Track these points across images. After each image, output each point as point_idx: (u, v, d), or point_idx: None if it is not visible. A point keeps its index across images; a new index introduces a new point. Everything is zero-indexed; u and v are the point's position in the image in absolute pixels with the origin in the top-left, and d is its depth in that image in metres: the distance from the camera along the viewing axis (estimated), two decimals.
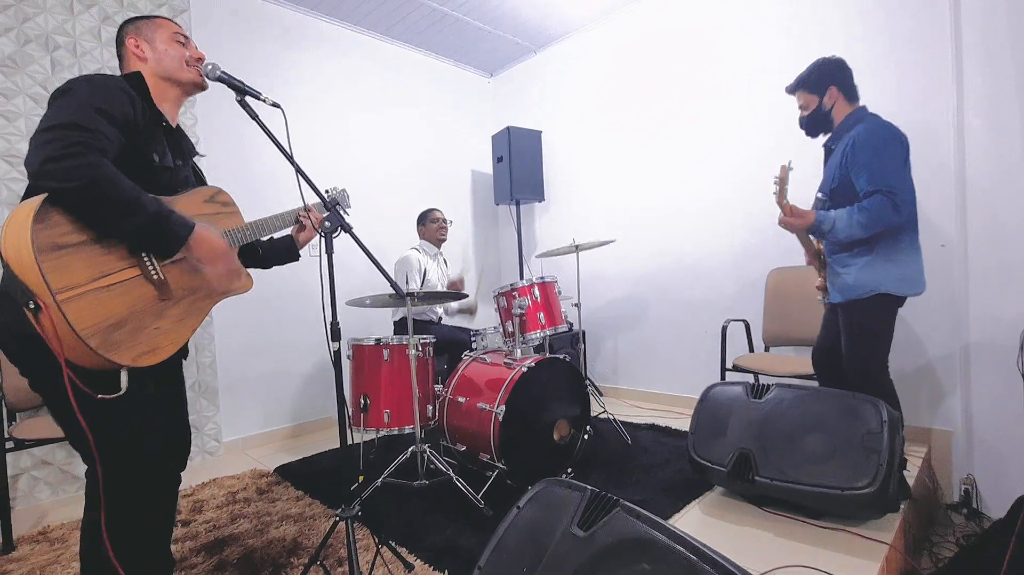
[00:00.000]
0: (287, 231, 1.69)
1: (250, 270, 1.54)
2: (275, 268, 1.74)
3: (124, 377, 1.12)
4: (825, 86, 2.02)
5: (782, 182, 1.91)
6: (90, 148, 1.05)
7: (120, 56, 1.40)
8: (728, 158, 3.29)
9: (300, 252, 1.74)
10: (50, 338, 1.02)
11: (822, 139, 2.12)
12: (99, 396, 1.08)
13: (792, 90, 2.12)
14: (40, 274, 0.98)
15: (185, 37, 1.42)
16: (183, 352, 1.35)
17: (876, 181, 1.84)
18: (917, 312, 2.50)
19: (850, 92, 2.03)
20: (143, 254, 1.17)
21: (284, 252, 1.72)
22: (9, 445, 2.07)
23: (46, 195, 1.04)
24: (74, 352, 1.05)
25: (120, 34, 1.40)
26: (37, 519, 2.27)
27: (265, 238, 1.60)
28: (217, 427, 3.06)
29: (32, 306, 0.99)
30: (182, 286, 1.25)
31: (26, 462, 2.39)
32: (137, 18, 1.42)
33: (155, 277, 1.18)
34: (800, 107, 2.10)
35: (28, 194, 1.10)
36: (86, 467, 1.20)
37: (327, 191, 1.79)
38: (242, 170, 3.13)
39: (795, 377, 2.47)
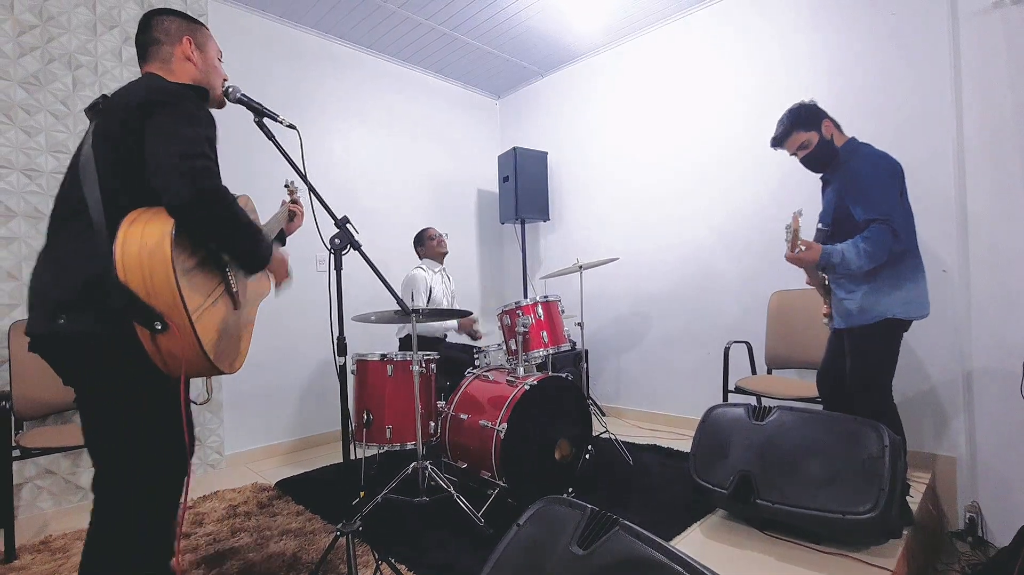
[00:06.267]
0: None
1: None
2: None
3: (209, 385, 1.21)
4: (819, 120, 2.05)
5: (795, 232, 1.86)
6: (216, 175, 1.12)
7: (158, 43, 1.30)
8: (732, 182, 3.34)
9: (287, 239, 1.77)
10: (163, 355, 1.06)
11: None
12: (199, 402, 1.18)
13: (782, 139, 2.10)
14: (180, 298, 1.02)
15: (222, 55, 1.45)
16: None
17: (872, 210, 1.87)
18: (920, 337, 2.50)
19: (838, 124, 2.08)
20: (227, 270, 1.24)
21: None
22: (16, 453, 2.09)
23: (172, 221, 1.05)
24: (186, 364, 1.09)
25: (167, 25, 1.32)
26: (39, 529, 2.27)
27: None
28: (220, 440, 3.06)
29: (159, 327, 1.02)
30: (244, 294, 1.34)
31: (30, 471, 2.40)
32: (187, 17, 1.36)
33: (234, 290, 1.26)
34: (801, 147, 2.06)
35: (112, 213, 1.08)
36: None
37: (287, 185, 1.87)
38: (241, 175, 3.17)
39: (797, 400, 2.47)
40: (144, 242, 1.01)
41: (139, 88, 1.17)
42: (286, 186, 1.85)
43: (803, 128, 2.05)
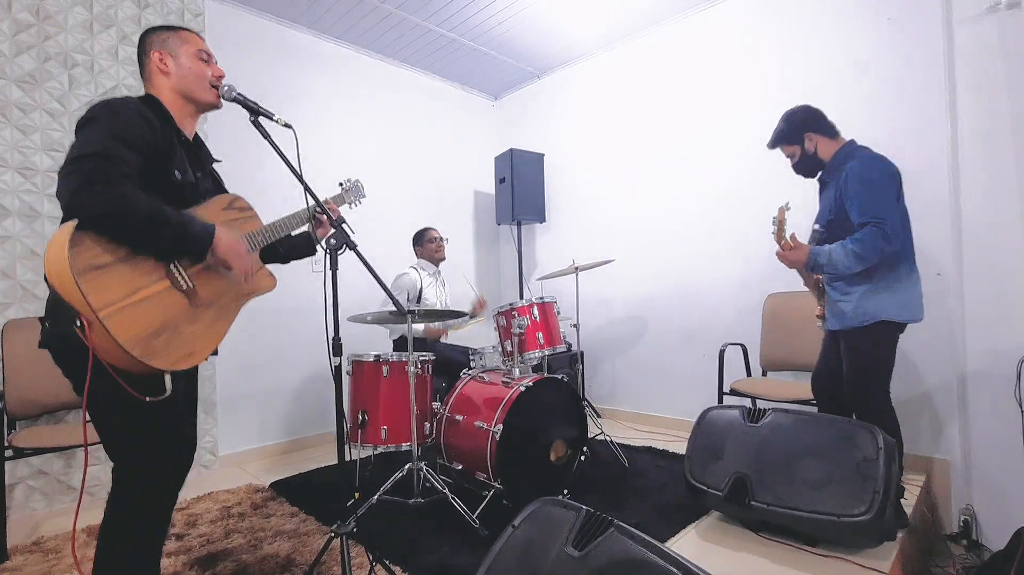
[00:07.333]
0: (303, 228, 1.71)
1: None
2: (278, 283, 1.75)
3: (168, 380, 1.21)
4: (801, 134, 2.09)
5: (780, 224, 1.94)
6: (109, 175, 1.11)
7: (142, 65, 1.39)
8: (727, 184, 3.35)
9: (317, 247, 1.75)
10: (96, 350, 1.10)
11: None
12: (148, 399, 1.17)
13: (772, 146, 2.20)
14: (82, 295, 1.04)
15: (208, 54, 1.44)
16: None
17: (866, 213, 1.88)
18: (914, 340, 2.49)
19: (828, 130, 2.09)
20: (171, 265, 1.23)
21: (301, 247, 1.74)
22: (8, 453, 2.06)
23: (76, 221, 1.09)
24: (121, 361, 1.12)
25: (144, 44, 1.39)
26: (31, 529, 2.26)
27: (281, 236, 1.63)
28: (214, 441, 3.05)
29: (79, 324, 1.07)
30: (210, 292, 1.31)
31: (23, 471, 2.38)
32: (163, 28, 1.40)
33: (184, 286, 1.24)
34: (787, 156, 2.17)
35: (64, 220, 1.15)
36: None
37: (342, 183, 1.88)
38: (247, 177, 3.16)
39: (792, 402, 2.48)
40: (53, 245, 1.07)
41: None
42: (340, 184, 1.90)
43: (786, 143, 2.15)
